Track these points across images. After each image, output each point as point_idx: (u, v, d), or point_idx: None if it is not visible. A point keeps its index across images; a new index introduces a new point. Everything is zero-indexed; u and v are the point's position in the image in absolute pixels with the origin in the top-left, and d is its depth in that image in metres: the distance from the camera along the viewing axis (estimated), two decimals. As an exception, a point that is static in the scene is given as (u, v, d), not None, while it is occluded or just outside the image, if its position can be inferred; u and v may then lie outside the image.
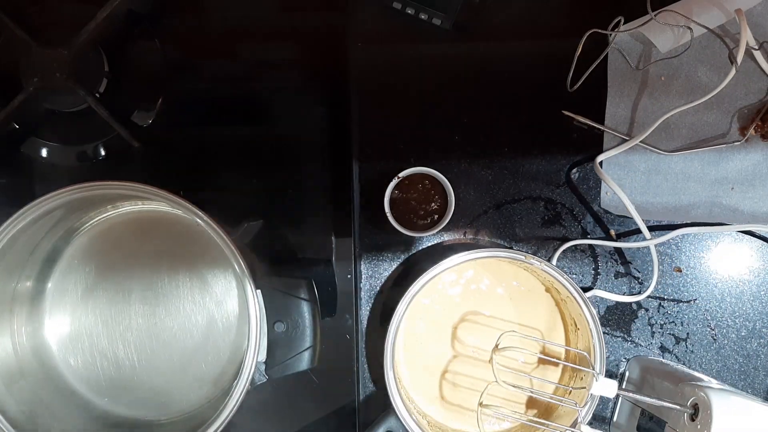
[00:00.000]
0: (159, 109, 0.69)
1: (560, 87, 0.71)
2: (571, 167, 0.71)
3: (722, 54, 0.69)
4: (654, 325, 0.72)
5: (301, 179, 0.69)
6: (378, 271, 0.71)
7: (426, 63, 0.71)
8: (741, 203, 0.70)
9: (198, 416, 0.63)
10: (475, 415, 0.63)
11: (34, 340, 0.64)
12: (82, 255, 0.65)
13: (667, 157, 0.70)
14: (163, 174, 0.69)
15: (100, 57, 0.66)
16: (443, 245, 0.71)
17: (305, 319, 0.58)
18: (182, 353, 0.65)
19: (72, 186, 0.56)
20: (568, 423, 0.64)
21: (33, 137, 0.68)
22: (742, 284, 0.72)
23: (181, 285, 0.65)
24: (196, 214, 0.56)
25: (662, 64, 0.70)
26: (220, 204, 0.68)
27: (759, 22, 0.69)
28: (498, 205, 0.71)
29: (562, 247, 0.70)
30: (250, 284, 0.56)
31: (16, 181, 0.69)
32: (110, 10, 0.64)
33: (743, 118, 0.70)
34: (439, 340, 0.69)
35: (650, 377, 0.67)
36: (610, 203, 0.70)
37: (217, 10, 0.70)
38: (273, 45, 0.71)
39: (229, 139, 0.70)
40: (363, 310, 0.71)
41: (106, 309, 0.65)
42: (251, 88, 0.70)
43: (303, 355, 0.58)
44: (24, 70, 0.64)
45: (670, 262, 0.71)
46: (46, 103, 0.66)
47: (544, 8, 0.72)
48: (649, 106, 0.71)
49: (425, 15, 0.69)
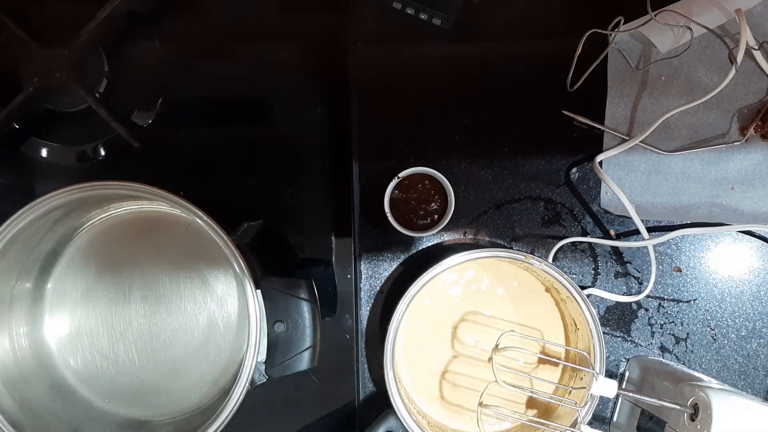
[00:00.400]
0: (159, 109, 0.69)
1: (560, 87, 0.71)
2: (571, 167, 0.71)
3: (722, 54, 0.69)
4: (654, 325, 0.72)
5: (301, 179, 0.69)
6: (378, 271, 0.71)
7: (426, 63, 0.71)
8: (741, 203, 0.70)
9: (198, 416, 0.63)
10: (475, 415, 0.63)
11: (34, 340, 0.64)
12: (82, 255, 0.65)
13: (667, 157, 0.70)
14: (163, 174, 0.68)
15: (100, 57, 0.66)
16: (443, 245, 0.71)
17: (305, 319, 0.58)
18: (182, 353, 0.65)
19: (72, 186, 0.56)
20: (568, 423, 0.64)
21: (33, 137, 0.68)
22: (742, 284, 0.72)
23: (182, 285, 0.65)
24: (196, 214, 0.56)
25: (662, 64, 0.70)
26: (220, 204, 0.68)
27: (759, 22, 0.69)
28: (498, 205, 0.71)
29: (558, 244, 0.70)
30: (250, 284, 0.56)
31: (16, 181, 0.69)
32: (110, 10, 0.64)
33: (743, 118, 0.70)
34: (439, 340, 0.69)
35: (650, 377, 0.67)
36: (610, 203, 0.70)
37: (217, 10, 0.70)
38: (273, 45, 0.71)
39: (229, 139, 0.70)
40: (363, 310, 0.71)
41: (106, 309, 0.65)
42: (251, 88, 0.70)
43: (303, 355, 0.58)
44: (24, 70, 0.64)
45: (670, 262, 0.71)
46: (46, 103, 0.66)
47: (544, 8, 0.72)
48: (649, 106, 0.71)
49: (425, 15, 0.69)
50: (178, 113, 0.70)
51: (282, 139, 0.70)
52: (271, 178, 0.69)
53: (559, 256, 0.71)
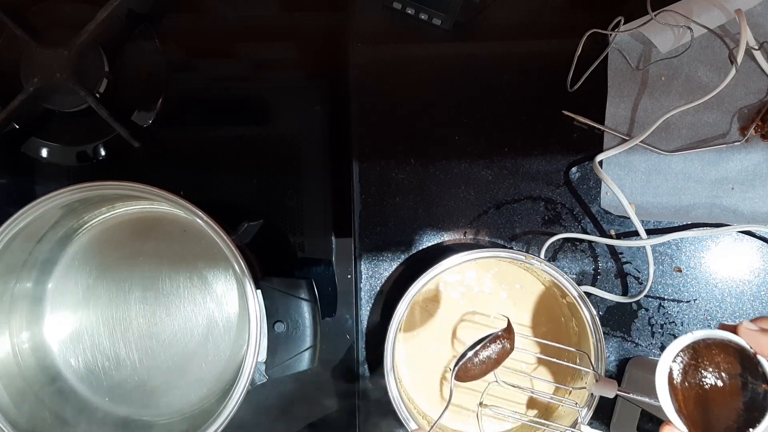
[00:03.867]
0: (159, 109, 0.69)
1: (560, 87, 0.71)
2: (571, 167, 0.71)
3: (722, 54, 0.69)
4: (654, 325, 0.72)
5: (301, 179, 0.69)
6: (378, 271, 0.71)
7: (426, 63, 0.71)
8: (741, 203, 0.70)
9: (198, 416, 0.63)
10: (475, 415, 0.63)
11: (34, 340, 0.64)
12: (82, 255, 0.65)
13: (667, 157, 0.70)
14: (163, 174, 0.69)
15: (100, 57, 0.66)
16: (443, 245, 0.71)
17: (305, 319, 0.58)
18: (183, 353, 0.65)
19: (72, 186, 0.56)
20: (568, 423, 0.64)
21: (33, 137, 0.68)
22: (742, 284, 0.72)
23: (182, 285, 0.65)
24: (196, 214, 0.56)
25: (662, 64, 0.70)
26: (220, 204, 0.68)
27: (759, 22, 0.69)
28: (498, 205, 0.71)
29: (550, 240, 0.70)
30: (250, 284, 0.56)
31: (16, 181, 0.69)
32: (110, 10, 0.64)
33: (743, 118, 0.70)
34: (440, 340, 0.69)
35: (650, 377, 0.67)
36: (610, 203, 0.70)
37: (217, 10, 0.71)
38: (273, 45, 0.71)
39: (229, 139, 0.70)
40: (363, 310, 0.71)
41: (107, 309, 0.65)
42: (251, 88, 0.71)
43: (303, 355, 0.58)
44: (24, 70, 0.64)
45: (670, 262, 0.71)
46: (46, 103, 0.66)
47: (544, 8, 0.72)
48: (649, 106, 0.71)
49: (425, 15, 0.69)
50: (178, 113, 0.70)
51: (282, 139, 0.70)
52: (271, 178, 0.69)
53: (559, 256, 0.71)
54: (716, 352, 0.44)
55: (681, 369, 0.45)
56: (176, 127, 0.70)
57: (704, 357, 0.44)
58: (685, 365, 0.45)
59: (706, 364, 0.44)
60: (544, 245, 0.70)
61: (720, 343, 0.44)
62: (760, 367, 0.43)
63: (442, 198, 0.71)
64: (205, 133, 0.70)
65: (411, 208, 0.71)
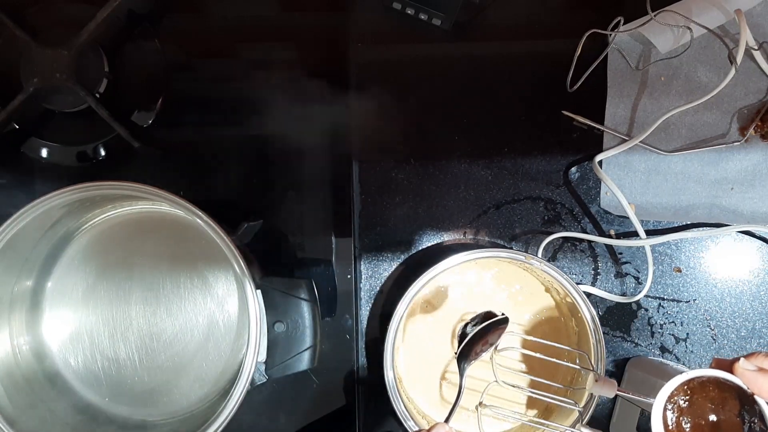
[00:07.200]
0: (159, 109, 0.69)
1: (560, 87, 0.71)
2: (571, 167, 0.71)
3: (722, 54, 0.69)
4: (654, 325, 0.72)
5: (301, 179, 0.69)
6: (378, 271, 0.71)
7: (426, 63, 0.71)
8: (741, 203, 0.71)
9: (198, 416, 0.63)
10: (475, 415, 0.63)
11: (34, 340, 0.64)
12: (82, 255, 0.65)
13: (667, 158, 0.71)
14: (163, 174, 0.69)
15: (100, 57, 0.66)
16: (443, 245, 0.71)
17: (305, 319, 0.58)
18: (183, 353, 0.65)
19: (72, 186, 0.56)
20: (568, 423, 0.64)
21: (33, 137, 0.68)
22: (742, 284, 0.72)
23: (182, 285, 0.65)
24: (196, 214, 0.56)
25: (662, 64, 0.70)
26: (220, 204, 0.68)
27: (759, 22, 0.69)
28: (498, 205, 0.71)
29: (548, 238, 0.70)
30: (250, 284, 0.56)
31: (16, 181, 0.69)
32: (110, 10, 0.64)
33: (743, 118, 0.70)
34: (439, 340, 0.69)
35: (650, 377, 0.67)
36: (610, 203, 0.71)
37: (217, 10, 0.71)
38: (273, 45, 0.71)
39: (229, 139, 0.70)
40: (363, 310, 0.71)
41: (107, 309, 0.65)
42: (251, 88, 0.70)
43: (303, 355, 0.58)
44: (24, 70, 0.64)
45: (670, 262, 0.71)
46: (46, 103, 0.66)
47: (544, 8, 0.72)
48: (649, 106, 0.71)
49: (425, 15, 0.69)
50: (178, 113, 0.70)
51: (282, 139, 0.70)
52: (272, 178, 0.69)
53: (559, 256, 0.71)
54: (711, 389, 0.44)
55: (676, 408, 0.45)
56: (176, 127, 0.70)
57: (699, 394, 0.44)
58: (680, 406, 0.45)
59: (701, 402, 0.44)
60: (542, 243, 0.70)
61: (715, 380, 0.44)
62: (757, 406, 0.43)
63: (442, 198, 0.71)
64: (205, 133, 0.70)
65: (411, 208, 0.71)
